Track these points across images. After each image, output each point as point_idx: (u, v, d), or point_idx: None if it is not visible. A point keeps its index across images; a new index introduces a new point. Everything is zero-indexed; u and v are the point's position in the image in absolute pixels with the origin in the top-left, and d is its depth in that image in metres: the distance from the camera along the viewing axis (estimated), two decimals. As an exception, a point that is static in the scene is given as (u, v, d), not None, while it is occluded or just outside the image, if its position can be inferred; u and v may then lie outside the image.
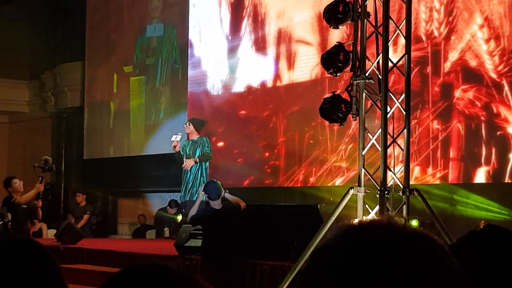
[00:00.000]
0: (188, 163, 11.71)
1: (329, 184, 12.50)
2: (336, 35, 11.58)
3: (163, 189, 16.13)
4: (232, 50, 14.46)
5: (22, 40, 20.60)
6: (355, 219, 1.13)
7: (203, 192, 8.50)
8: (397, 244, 1.05)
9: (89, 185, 18.94)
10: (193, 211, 8.54)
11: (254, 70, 13.92)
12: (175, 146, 11.87)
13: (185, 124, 12.27)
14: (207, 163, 11.94)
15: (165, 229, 14.63)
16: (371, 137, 7.82)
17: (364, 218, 7.29)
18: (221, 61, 14.65)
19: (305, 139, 12.92)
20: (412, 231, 1.08)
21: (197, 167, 11.76)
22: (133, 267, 1.29)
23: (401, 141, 7.74)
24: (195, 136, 11.98)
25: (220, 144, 14.31)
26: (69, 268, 9.81)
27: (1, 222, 10.87)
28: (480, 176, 10.59)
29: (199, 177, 11.70)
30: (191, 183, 11.70)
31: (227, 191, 8.65)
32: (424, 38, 11.30)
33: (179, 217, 13.47)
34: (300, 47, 13.23)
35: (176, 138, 11.91)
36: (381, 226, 1.08)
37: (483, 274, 1.70)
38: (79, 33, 19.20)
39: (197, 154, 11.82)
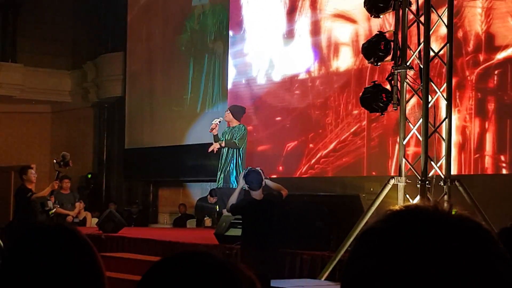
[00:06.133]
0: (213, 146, 11.75)
1: (369, 174, 12.43)
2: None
3: (203, 179, 16.18)
4: (277, 39, 14.39)
5: (64, 30, 20.81)
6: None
7: (243, 180, 8.34)
8: (443, 227, 1.05)
9: (130, 174, 19.11)
10: (232, 199, 8.45)
11: (298, 60, 13.84)
12: (212, 129, 11.88)
13: (226, 111, 12.29)
14: (242, 151, 11.87)
15: (205, 218, 14.66)
16: (412, 127, 7.77)
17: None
18: (264, 51, 14.60)
19: (345, 128, 12.86)
20: (459, 216, 1.08)
21: (227, 153, 11.73)
22: (178, 254, 1.29)
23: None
24: (235, 124, 11.99)
25: (260, 133, 14.30)
26: (110, 257, 9.91)
27: (42, 210, 11.01)
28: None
29: (230, 164, 11.68)
30: (223, 169, 11.71)
31: (268, 178, 8.55)
32: None
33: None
34: (348, 33, 13.09)
35: (215, 121, 11.95)
36: (427, 210, 1.08)
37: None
38: (120, 24, 19.31)
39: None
